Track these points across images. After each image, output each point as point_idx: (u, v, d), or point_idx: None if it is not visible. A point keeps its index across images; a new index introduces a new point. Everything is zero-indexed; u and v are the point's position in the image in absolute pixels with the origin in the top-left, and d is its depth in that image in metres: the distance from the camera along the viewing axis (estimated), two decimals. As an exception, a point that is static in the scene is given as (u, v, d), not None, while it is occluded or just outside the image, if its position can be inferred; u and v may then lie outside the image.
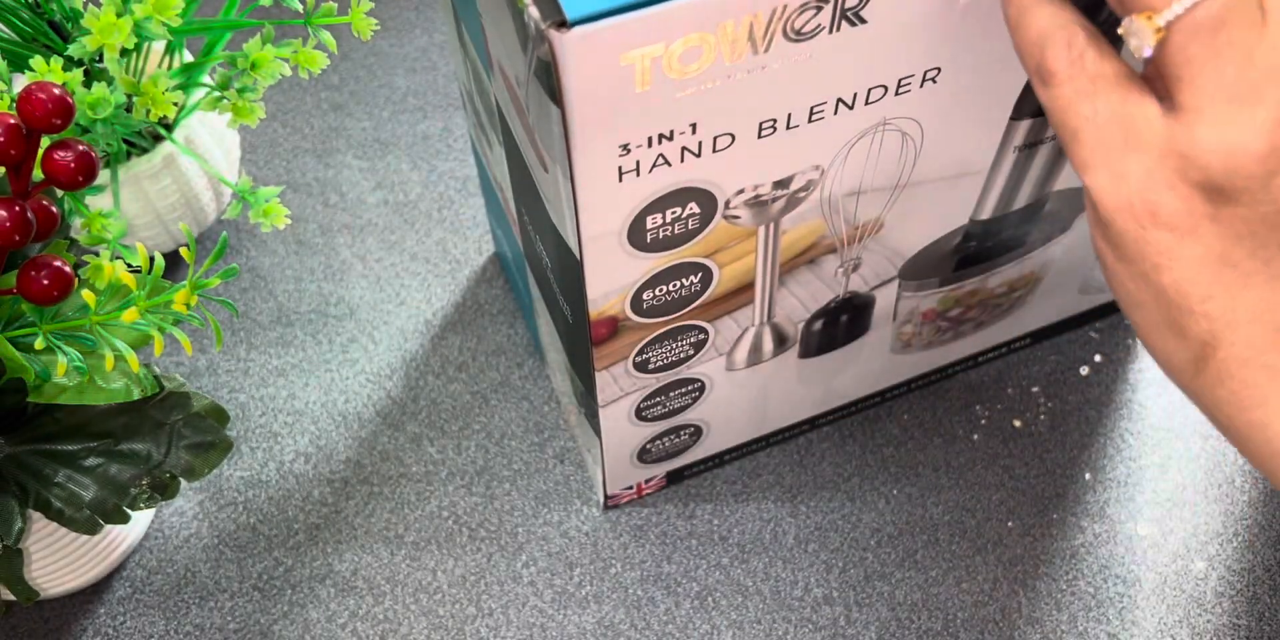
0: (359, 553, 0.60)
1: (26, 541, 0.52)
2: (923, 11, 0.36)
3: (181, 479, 0.51)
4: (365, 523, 0.61)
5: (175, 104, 0.51)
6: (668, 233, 0.42)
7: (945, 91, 0.41)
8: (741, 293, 0.48)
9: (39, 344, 0.44)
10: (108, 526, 0.52)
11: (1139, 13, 0.31)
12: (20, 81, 0.58)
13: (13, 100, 0.43)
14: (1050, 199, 0.52)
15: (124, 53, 0.53)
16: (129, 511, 0.50)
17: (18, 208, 0.41)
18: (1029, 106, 0.44)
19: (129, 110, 0.51)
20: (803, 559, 0.60)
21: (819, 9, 0.34)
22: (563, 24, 0.31)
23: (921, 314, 0.57)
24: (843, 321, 0.54)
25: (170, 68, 0.58)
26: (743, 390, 0.56)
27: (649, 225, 0.41)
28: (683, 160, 0.38)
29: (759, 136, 0.39)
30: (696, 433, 0.58)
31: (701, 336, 0.50)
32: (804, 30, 0.35)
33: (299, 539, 0.61)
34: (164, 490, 0.50)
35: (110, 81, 0.52)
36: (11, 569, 0.49)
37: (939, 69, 0.39)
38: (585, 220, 0.40)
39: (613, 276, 0.43)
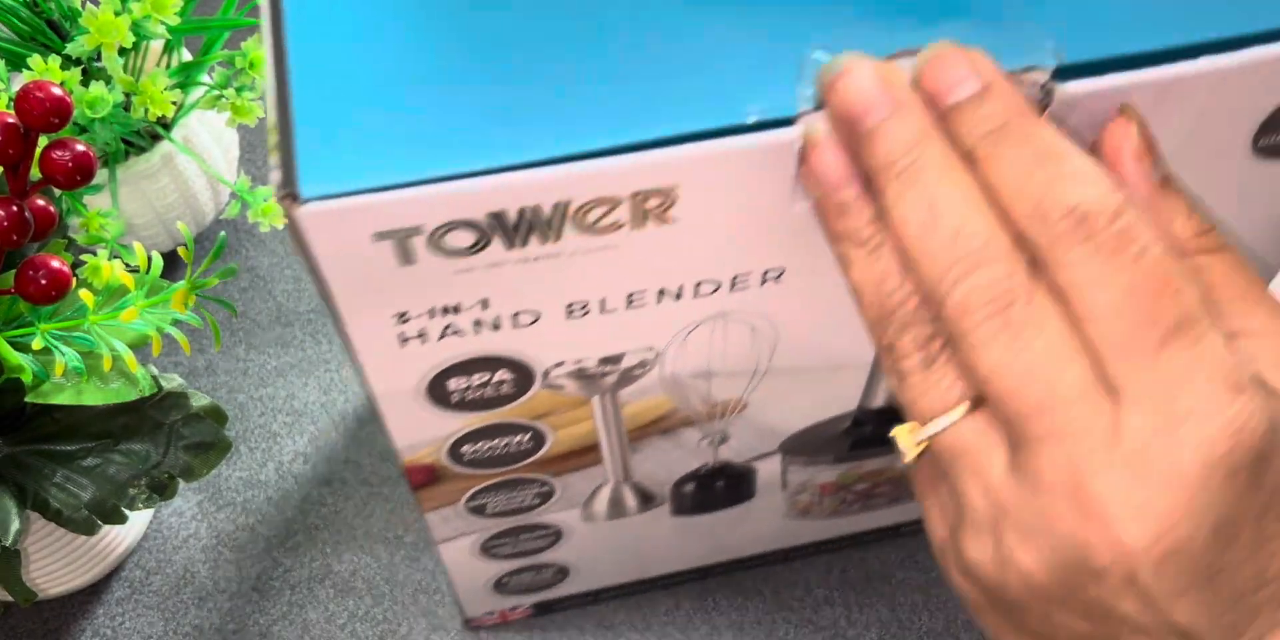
0: (358, 553, 0.60)
1: (24, 542, 0.52)
2: (747, 215, 0.32)
3: (180, 479, 0.50)
4: (364, 523, 0.61)
5: (173, 103, 0.51)
6: (477, 396, 0.38)
7: (795, 291, 0.36)
8: (587, 452, 0.43)
9: (37, 344, 0.44)
10: (106, 527, 0.51)
11: (907, 423, 0.31)
12: (18, 80, 0.58)
13: (10, 99, 0.43)
14: None
15: (122, 51, 0.52)
16: (127, 512, 0.50)
17: (15, 207, 0.41)
18: None
19: (127, 109, 0.51)
20: (803, 559, 0.60)
21: (611, 207, 0.30)
22: (296, 197, 0.28)
23: (819, 485, 0.51)
24: (719, 486, 0.49)
25: (168, 66, 0.58)
26: (610, 538, 0.51)
27: (452, 387, 0.37)
28: (478, 333, 0.34)
29: (569, 317, 0.34)
30: (561, 572, 0.53)
31: (545, 489, 0.45)
32: (599, 224, 0.30)
33: (298, 540, 0.61)
34: (162, 491, 0.50)
35: (108, 80, 0.52)
36: (10, 569, 0.49)
37: (783, 269, 0.35)
38: (373, 378, 0.36)
39: (419, 429, 0.39)
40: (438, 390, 0.37)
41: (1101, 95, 0.29)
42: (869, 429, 0.46)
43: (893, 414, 0.42)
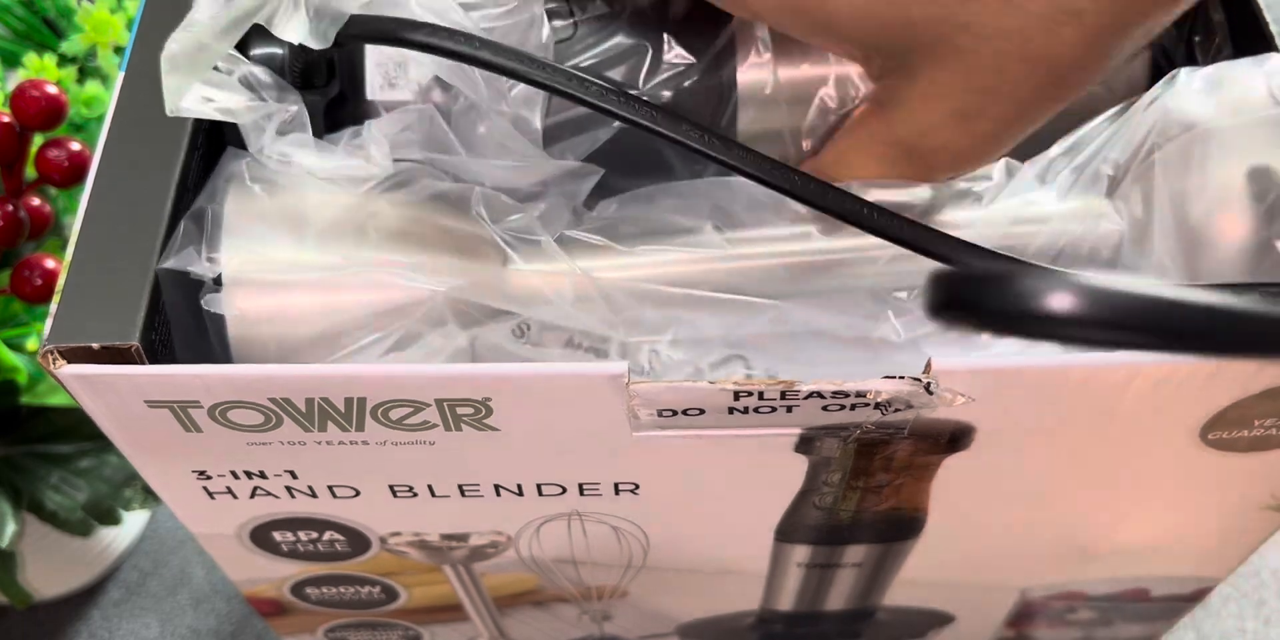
0: (356, 555, 0.60)
1: (20, 544, 0.52)
2: (580, 435, 0.29)
3: (176, 481, 0.50)
4: (362, 525, 0.61)
5: (170, 102, 0.50)
6: (309, 549, 0.35)
7: (657, 504, 0.33)
8: (451, 610, 0.40)
9: (32, 344, 0.44)
10: (101, 529, 0.51)
11: None
12: (13, 79, 0.57)
13: (6, 98, 0.42)
14: (881, 611, 0.42)
15: (118, 50, 0.52)
16: (122, 513, 0.49)
17: (11, 207, 0.41)
18: (799, 533, 0.35)
19: (123, 108, 0.51)
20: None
21: (416, 409, 0.27)
22: (61, 355, 0.26)
23: None
24: None
25: (165, 65, 0.57)
26: None
27: (278, 538, 0.35)
28: (293, 497, 0.32)
29: (394, 497, 0.32)
30: None
31: (413, 634, 0.43)
32: (406, 422, 0.28)
33: (295, 541, 0.60)
34: (158, 492, 0.50)
35: (104, 79, 0.52)
36: (5, 572, 0.49)
37: (635, 484, 0.32)
38: (187, 522, 0.34)
39: (251, 569, 0.37)
40: (263, 539, 0.34)
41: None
42: (779, 627, 0.43)
43: (805, 618, 0.42)
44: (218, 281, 0.28)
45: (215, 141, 0.31)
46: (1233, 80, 0.30)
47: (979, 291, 0.17)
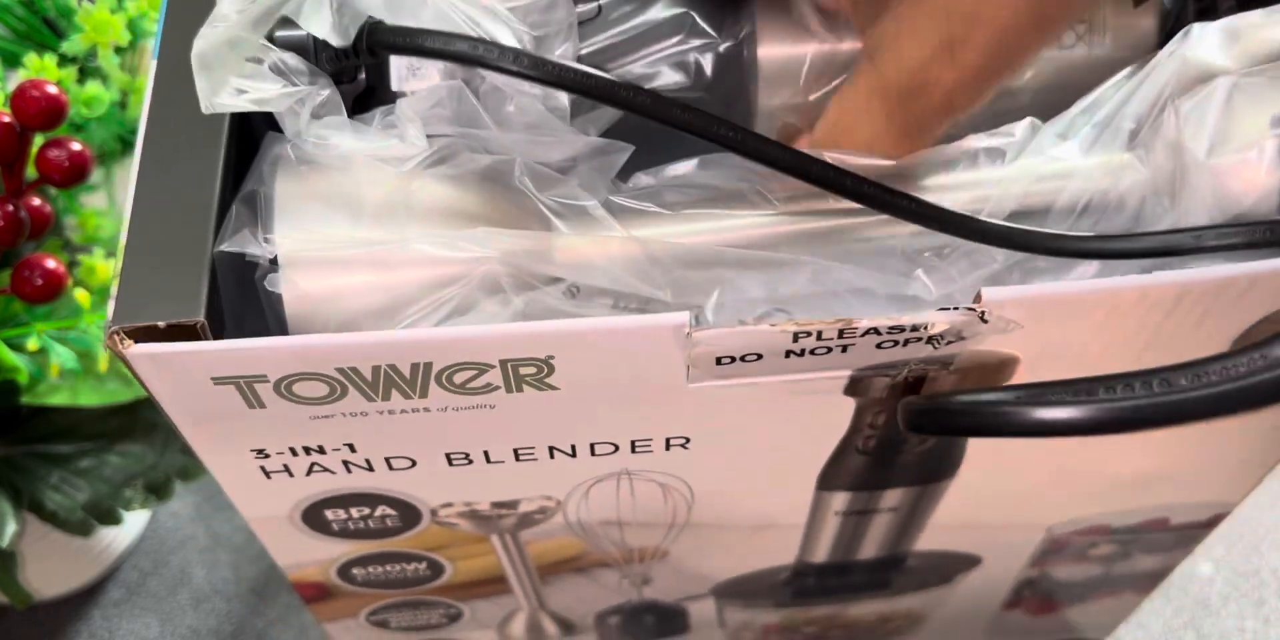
0: (356, 555, 0.60)
1: (20, 543, 0.52)
2: (637, 389, 0.29)
3: (176, 480, 0.50)
4: (362, 525, 0.61)
5: (170, 102, 0.50)
6: (359, 526, 0.36)
7: (705, 457, 0.33)
8: (493, 582, 0.41)
9: (33, 344, 0.44)
10: (102, 528, 0.51)
11: None
12: (14, 79, 0.57)
13: (6, 98, 0.42)
14: (912, 557, 0.43)
15: (118, 50, 0.52)
16: (123, 513, 0.49)
17: (11, 207, 0.41)
18: (841, 479, 0.36)
19: (123, 107, 0.51)
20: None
21: (480, 372, 0.28)
22: (126, 335, 0.26)
23: (762, 626, 0.47)
24: (648, 622, 0.45)
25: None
26: None
27: (330, 517, 0.35)
28: (349, 471, 0.32)
29: (450, 465, 0.32)
30: None
31: (453, 611, 0.43)
32: (469, 386, 0.28)
33: (295, 541, 0.60)
34: (159, 492, 0.50)
35: (105, 79, 0.52)
36: (6, 571, 0.49)
37: (686, 438, 0.32)
38: (240, 505, 0.34)
39: (300, 552, 0.37)
40: (314, 519, 0.35)
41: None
42: (811, 581, 0.43)
43: (838, 569, 0.42)
44: (274, 262, 0.28)
45: (244, 127, 0.31)
46: (1249, 31, 0.31)
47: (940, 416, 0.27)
